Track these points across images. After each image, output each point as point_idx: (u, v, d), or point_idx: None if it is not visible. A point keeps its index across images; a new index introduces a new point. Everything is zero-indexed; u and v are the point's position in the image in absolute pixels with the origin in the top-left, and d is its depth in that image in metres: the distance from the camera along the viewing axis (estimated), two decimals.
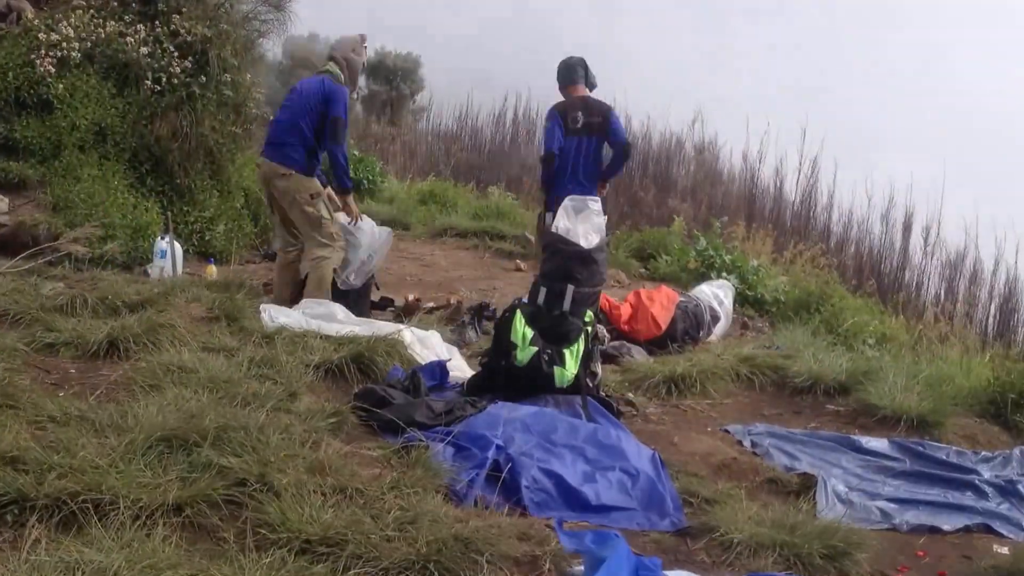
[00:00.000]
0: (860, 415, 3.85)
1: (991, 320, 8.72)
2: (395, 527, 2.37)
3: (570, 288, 3.73)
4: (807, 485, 3.04)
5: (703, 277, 6.99)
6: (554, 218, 4.02)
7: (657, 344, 4.88)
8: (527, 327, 3.62)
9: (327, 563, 2.23)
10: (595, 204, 4.00)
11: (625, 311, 5.03)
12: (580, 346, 3.65)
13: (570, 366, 3.59)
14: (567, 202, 3.99)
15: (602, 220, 4.00)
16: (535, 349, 3.57)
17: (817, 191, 11.06)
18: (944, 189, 9.45)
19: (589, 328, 3.75)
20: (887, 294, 8.67)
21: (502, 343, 3.64)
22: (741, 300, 6.76)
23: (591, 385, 3.73)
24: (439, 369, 3.75)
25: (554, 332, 3.65)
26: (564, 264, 3.80)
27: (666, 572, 2.27)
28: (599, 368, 3.87)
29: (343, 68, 4.75)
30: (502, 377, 3.58)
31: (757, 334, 5.72)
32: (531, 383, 3.55)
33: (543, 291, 3.77)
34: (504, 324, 3.67)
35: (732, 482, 3.06)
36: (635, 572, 2.11)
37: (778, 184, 11.47)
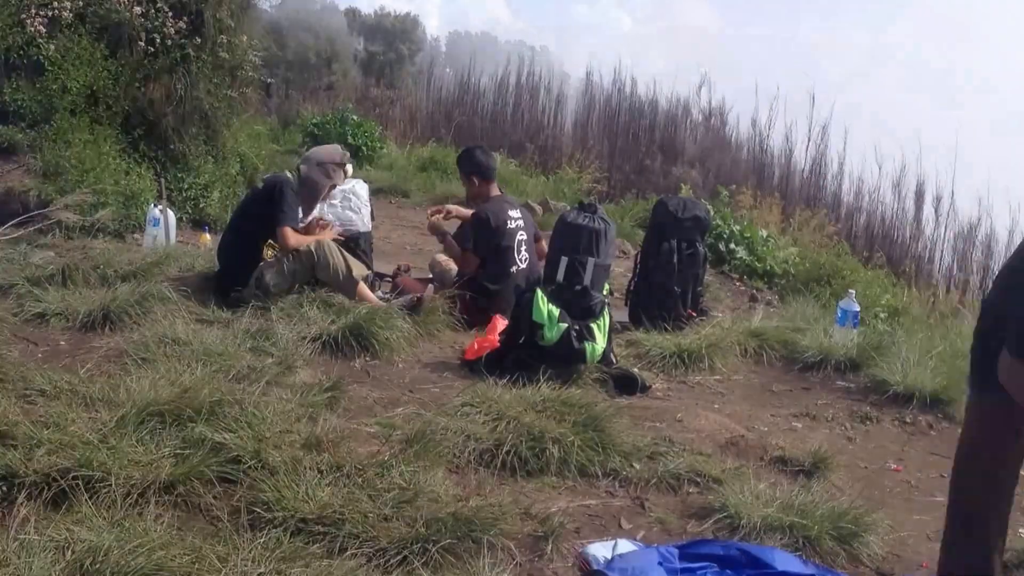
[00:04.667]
0: (871, 392, 3.77)
1: None
2: (393, 506, 2.33)
3: (591, 260, 3.72)
4: (817, 465, 2.97)
5: (711, 248, 6.89)
6: None
7: None
8: (551, 305, 3.61)
9: (323, 543, 2.19)
10: None
11: None
12: (606, 319, 3.69)
13: (600, 340, 3.62)
14: None
15: None
16: (564, 326, 3.57)
17: (827, 159, 10.88)
18: (956, 157, 9.27)
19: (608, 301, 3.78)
20: (899, 266, 8.55)
21: (523, 323, 3.62)
22: (750, 272, 6.67)
23: (614, 360, 3.72)
24: None
25: (578, 307, 3.66)
26: (586, 238, 3.78)
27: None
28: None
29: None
30: (523, 354, 3.57)
31: (766, 307, 5.63)
32: (562, 360, 3.56)
33: (564, 262, 3.72)
34: (524, 305, 3.65)
35: (739, 460, 3.00)
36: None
37: (787, 151, 11.28)
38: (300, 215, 4.26)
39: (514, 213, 4.49)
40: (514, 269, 4.38)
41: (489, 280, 4.35)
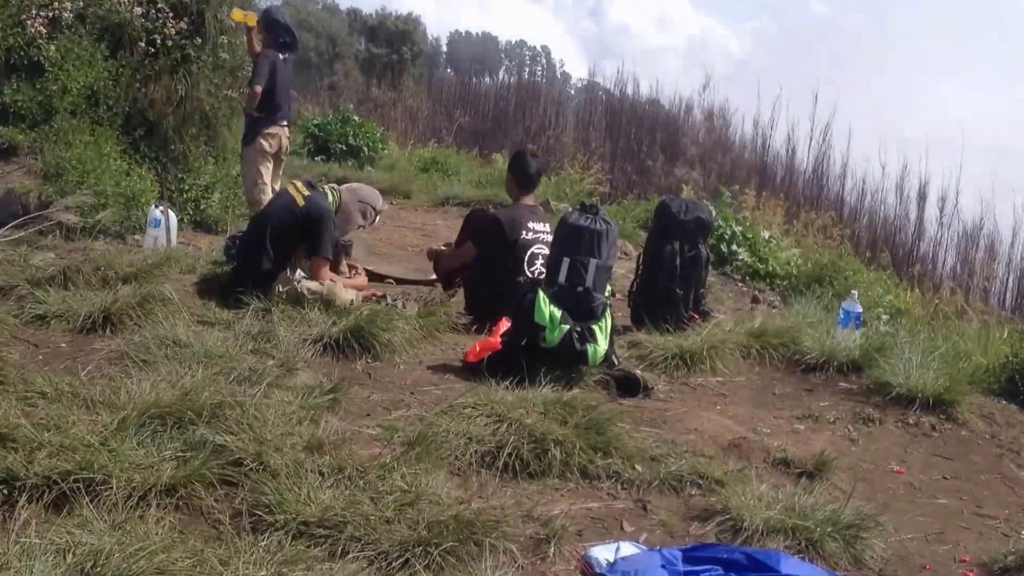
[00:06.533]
0: (873, 393, 3.75)
1: (1008, 294, 8.58)
2: (395, 509, 2.32)
3: (593, 262, 3.70)
4: (820, 467, 2.96)
5: (713, 249, 6.89)
6: None
7: None
8: (552, 307, 3.58)
9: (325, 546, 2.18)
10: None
11: None
12: (607, 321, 3.67)
13: (602, 342, 3.60)
14: None
15: None
16: (566, 328, 3.55)
17: (830, 159, 10.86)
18: (962, 157, 9.24)
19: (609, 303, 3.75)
20: (901, 266, 8.53)
21: (525, 324, 3.60)
22: (752, 273, 6.65)
23: (616, 362, 3.72)
24: None
25: (580, 309, 3.64)
26: (588, 239, 3.75)
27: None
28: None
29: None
30: (524, 356, 3.54)
31: (768, 308, 5.61)
32: (564, 362, 3.54)
33: (565, 264, 3.71)
34: (526, 306, 3.63)
35: (742, 462, 2.99)
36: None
37: (790, 151, 11.28)
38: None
39: (536, 225, 4.41)
40: (521, 279, 4.29)
41: (494, 283, 4.30)
